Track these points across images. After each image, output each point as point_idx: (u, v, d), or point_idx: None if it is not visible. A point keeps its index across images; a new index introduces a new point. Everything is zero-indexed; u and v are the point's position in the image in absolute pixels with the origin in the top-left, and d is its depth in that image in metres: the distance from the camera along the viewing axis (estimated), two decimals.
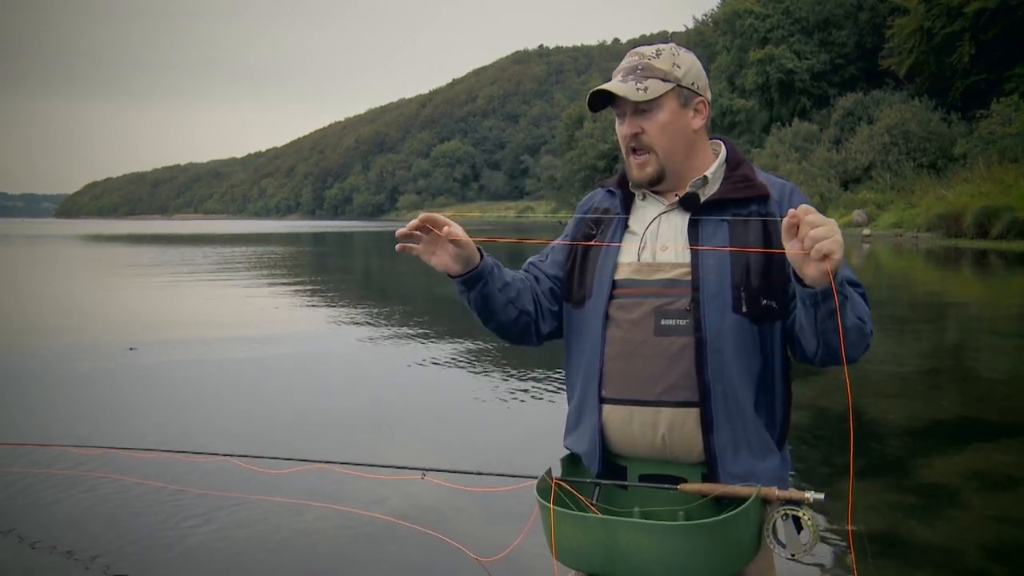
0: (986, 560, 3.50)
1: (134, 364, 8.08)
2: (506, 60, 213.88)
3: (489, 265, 1.82)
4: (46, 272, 22.47)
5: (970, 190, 30.50)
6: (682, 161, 1.82)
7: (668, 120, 1.78)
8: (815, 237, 1.46)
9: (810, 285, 1.52)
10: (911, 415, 6.00)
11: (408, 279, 19.47)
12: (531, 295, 1.91)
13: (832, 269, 1.47)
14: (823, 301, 1.52)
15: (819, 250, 1.46)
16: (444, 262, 1.78)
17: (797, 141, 44.89)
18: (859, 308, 1.63)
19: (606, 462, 1.82)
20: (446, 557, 3.51)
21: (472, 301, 1.84)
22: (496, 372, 7.60)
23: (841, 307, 1.51)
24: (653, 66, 1.78)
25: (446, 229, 1.74)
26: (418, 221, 1.75)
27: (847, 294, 1.55)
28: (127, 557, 3.56)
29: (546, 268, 1.97)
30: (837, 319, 1.51)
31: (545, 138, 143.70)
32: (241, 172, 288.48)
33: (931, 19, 39.41)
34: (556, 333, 1.97)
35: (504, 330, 1.91)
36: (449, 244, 1.76)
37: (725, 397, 1.70)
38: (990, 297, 14.52)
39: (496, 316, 1.87)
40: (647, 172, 1.81)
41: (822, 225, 1.47)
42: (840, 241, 1.47)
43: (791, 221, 1.50)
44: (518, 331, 1.92)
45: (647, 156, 1.80)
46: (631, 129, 1.79)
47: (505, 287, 1.85)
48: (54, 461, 4.74)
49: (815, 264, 1.48)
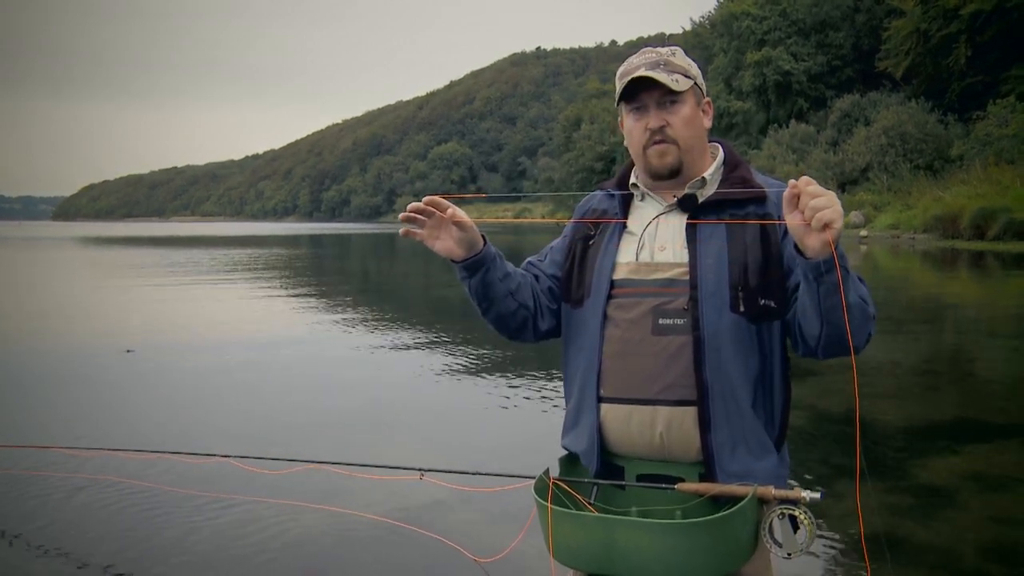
0: (984, 561, 3.51)
1: (131, 366, 8.07)
2: (503, 62, 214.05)
3: (492, 252, 1.84)
4: (44, 274, 22.44)
5: (967, 191, 30.53)
6: (697, 157, 1.84)
7: (691, 115, 1.81)
8: (815, 207, 1.47)
9: (812, 257, 1.52)
10: (909, 416, 6.00)
11: (406, 281, 19.48)
12: (531, 291, 1.92)
13: (833, 239, 1.47)
14: (826, 272, 1.52)
15: (820, 219, 1.47)
16: (448, 246, 1.79)
17: (794, 143, 44.95)
18: (860, 288, 1.63)
19: (604, 462, 1.82)
20: (444, 558, 3.51)
21: (473, 288, 1.85)
22: (495, 373, 7.60)
23: (844, 280, 1.52)
24: (674, 62, 1.81)
25: (449, 211, 1.75)
26: (421, 203, 1.76)
27: (848, 268, 1.55)
28: (124, 559, 3.55)
29: (545, 267, 1.98)
30: (840, 294, 1.52)
31: (542, 140, 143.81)
32: (238, 174, 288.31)
33: (928, 21, 39.50)
34: (554, 332, 1.98)
35: (502, 322, 1.92)
36: (453, 227, 1.77)
37: (723, 396, 1.71)
38: (987, 298, 14.55)
39: (495, 306, 1.88)
40: (667, 161, 1.81)
41: (822, 195, 1.48)
42: (840, 211, 1.48)
43: (792, 192, 1.51)
44: (516, 325, 1.93)
45: (669, 146, 1.80)
46: (657, 122, 1.79)
47: (506, 278, 1.87)
48: (51, 463, 4.74)
49: (816, 235, 1.48)
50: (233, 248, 37.10)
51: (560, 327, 1.96)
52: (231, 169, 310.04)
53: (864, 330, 1.64)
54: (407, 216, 1.77)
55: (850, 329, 1.54)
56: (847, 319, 1.53)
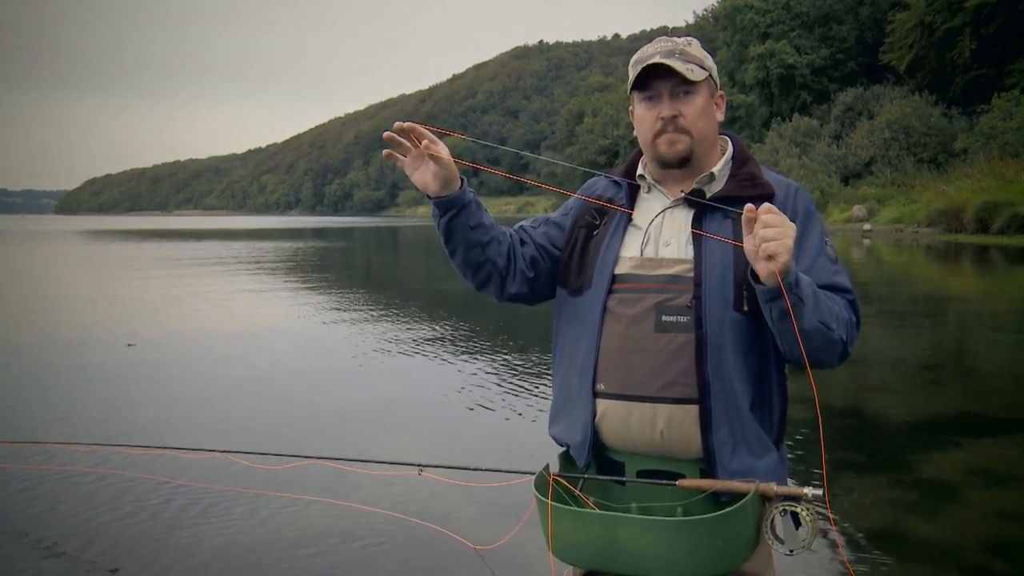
0: (986, 556, 3.50)
1: (132, 360, 8.07)
2: (506, 56, 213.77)
3: (467, 198, 1.80)
4: (47, 268, 22.46)
5: (970, 185, 30.45)
6: (708, 150, 1.83)
7: (704, 106, 1.79)
8: (764, 236, 1.50)
9: (762, 283, 1.55)
10: (911, 410, 5.99)
11: (408, 275, 19.49)
12: (507, 250, 1.89)
13: (778, 270, 1.50)
14: (773, 300, 1.55)
15: (764, 250, 1.50)
16: (424, 179, 1.76)
17: (797, 136, 44.82)
18: (825, 313, 1.62)
19: (604, 457, 1.80)
20: (443, 547, 3.52)
21: (441, 227, 1.82)
22: (495, 368, 7.59)
23: (795, 308, 1.53)
24: (690, 52, 1.78)
25: (425, 142, 1.73)
26: (404, 125, 1.74)
27: (802, 296, 1.56)
28: (125, 553, 3.55)
29: (536, 236, 1.94)
30: (791, 321, 1.54)
31: (545, 134, 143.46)
32: (241, 168, 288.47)
33: (932, 14, 39.36)
34: (524, 298, 1.95)
35: (466, 270, 1.89)
36: (429, 161, 1.75)
37: (724, 395, 1.69)
38: (991, 292, 14.51)
39: (460, 253, 1.85)
40: (678, 149, 1.78)
41: (776, 227, 1.50)
42: (789, 246, 1.50)
43: (748, 216, 1.53)
44: (481, 278, 1.90)
45: (680, 135, 1.78)
46: (671, 112, 1.77)
47: (479, 228, 1.83)
48: (51, 458, 4.74)
49: (763, 263, 1.52)
50: (238, 241, 37.11)
51: (532, 296, 1.94)
52: (234, 163, 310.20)
53: (828, 353, 1.65)
54: (389, 136, 1.74)
55: (809, 351, 1.56)
56: (801, 344, 1.55)
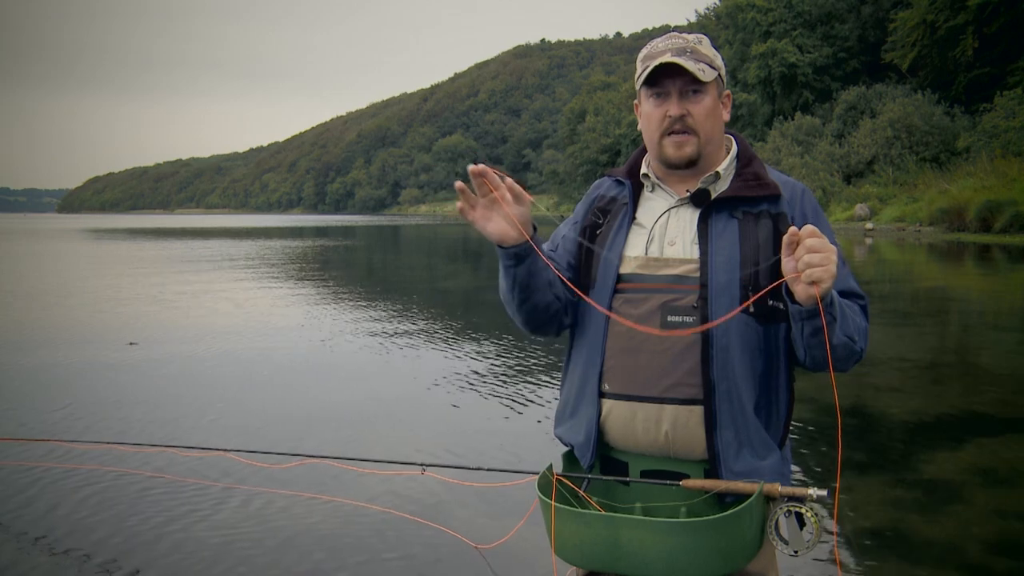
0: (988, 555, 3.49)
1: (135, 359, 8.07)
2: (508, 54, 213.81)
3: (539, 239, 1.72)
4: (50, 266, 22.47)
5: (973, 184, 30.40)
6: (715, 150, 1.82)
7: (712, 106, 1.78)
8: (808, 263, 1.48)
9: (799, 303, 1.54)
10: (913, 410, 5.98)
11: (410, 274, 19.47)
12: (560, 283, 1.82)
13: (820, 295, 1.49)
14: (808, 319, 1.55)
15: (809, 275, 1.48)
16: (501, 228, 1.65)
17: (799, 135, 44.75)
18: (850, 326, 1.63)
19: (608, 457, 1.80)
20: (445, 545, 3.52)
21: (520, 277, 1.71)
22: (498, 368, 7.58)
23: (829, 327, 1.54)
24: (700, 51, 1.77)
25: (508, 181, 1.64)
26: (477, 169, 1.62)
27: (835, 314, 1.56)
28: (125, 552, 3.55)
29: (559, 259, 1.88)
30: (824, 337, 1.54)
31: (547, 132, 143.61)
32: (243, 167, 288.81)
33: (934, 12, 39.27)
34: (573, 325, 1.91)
35: (534, 314, 1.80)
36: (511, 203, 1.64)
37: (729, 395, 1.68)
38: (993, 291, 14.48)
39: (533, 297, 1.76)
40: (686, 151, 1.77)
41: (820, 252, 1.48)
42: (833, 272, 1.48)
43: (791, 239, 1.51)
44: (547, 317, 1.82)
45: (688, 136, 1.77)
46: (679, 111, 1.76)
47: (545, 267, 1.75)
48: (52, 455, 4.74)
49: (804, 287, 1.51)
50: (245, 240, 37.12)
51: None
52: (236, 161, 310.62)
53: (847, 362, 1.67)
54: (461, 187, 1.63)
55: (832, 362, 1.57)
56: (830, 357, 1.56)
